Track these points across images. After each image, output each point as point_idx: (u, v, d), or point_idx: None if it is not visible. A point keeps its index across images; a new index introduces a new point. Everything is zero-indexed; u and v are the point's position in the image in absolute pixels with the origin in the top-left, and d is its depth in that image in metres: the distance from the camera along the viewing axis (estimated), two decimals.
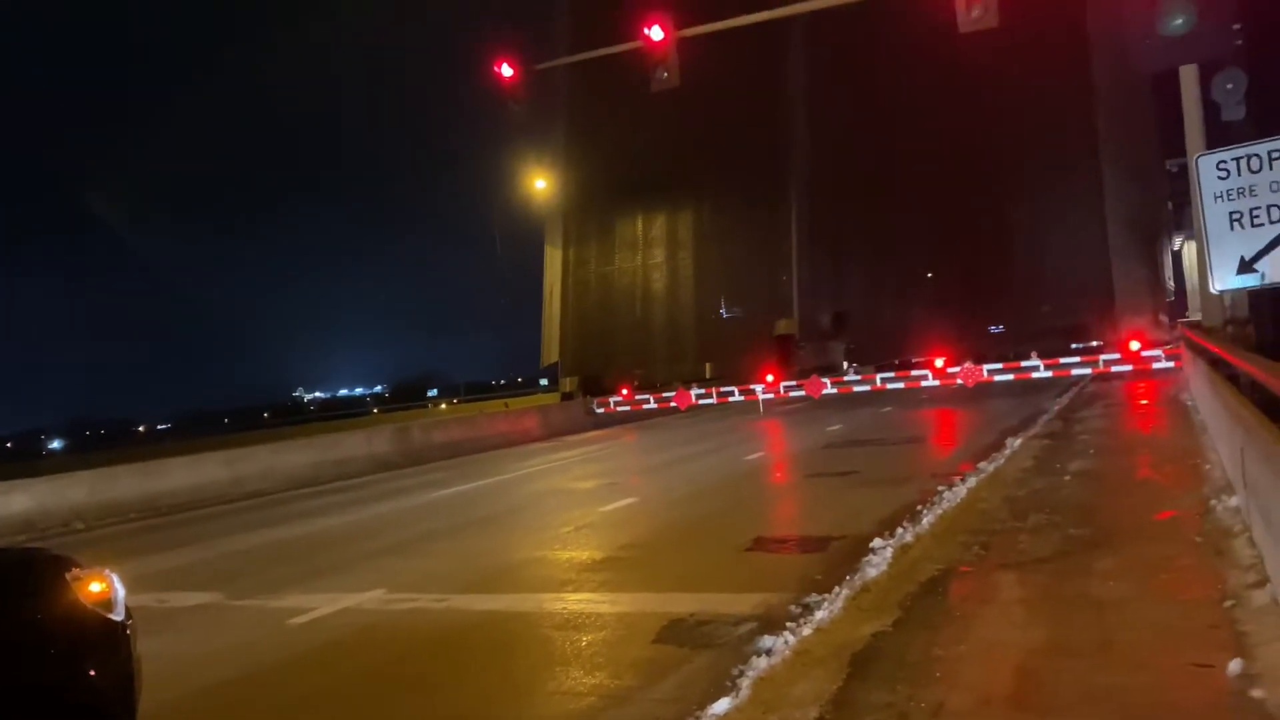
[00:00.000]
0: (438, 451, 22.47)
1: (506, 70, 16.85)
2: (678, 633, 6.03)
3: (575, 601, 7.20)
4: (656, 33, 15.30)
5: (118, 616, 3.86)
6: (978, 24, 12.72)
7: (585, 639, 6.22)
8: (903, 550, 7.29)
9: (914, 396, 26.09)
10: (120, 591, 3.93)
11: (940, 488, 10.01)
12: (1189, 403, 15.57)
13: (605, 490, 13.74)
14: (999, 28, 13.01)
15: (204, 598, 8.69)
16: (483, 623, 6.91)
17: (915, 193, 32.80)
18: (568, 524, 10.91)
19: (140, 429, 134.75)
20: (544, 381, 47.86)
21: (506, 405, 36.55)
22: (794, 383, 27.30)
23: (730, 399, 27.85)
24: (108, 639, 3.78)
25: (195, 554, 11.58)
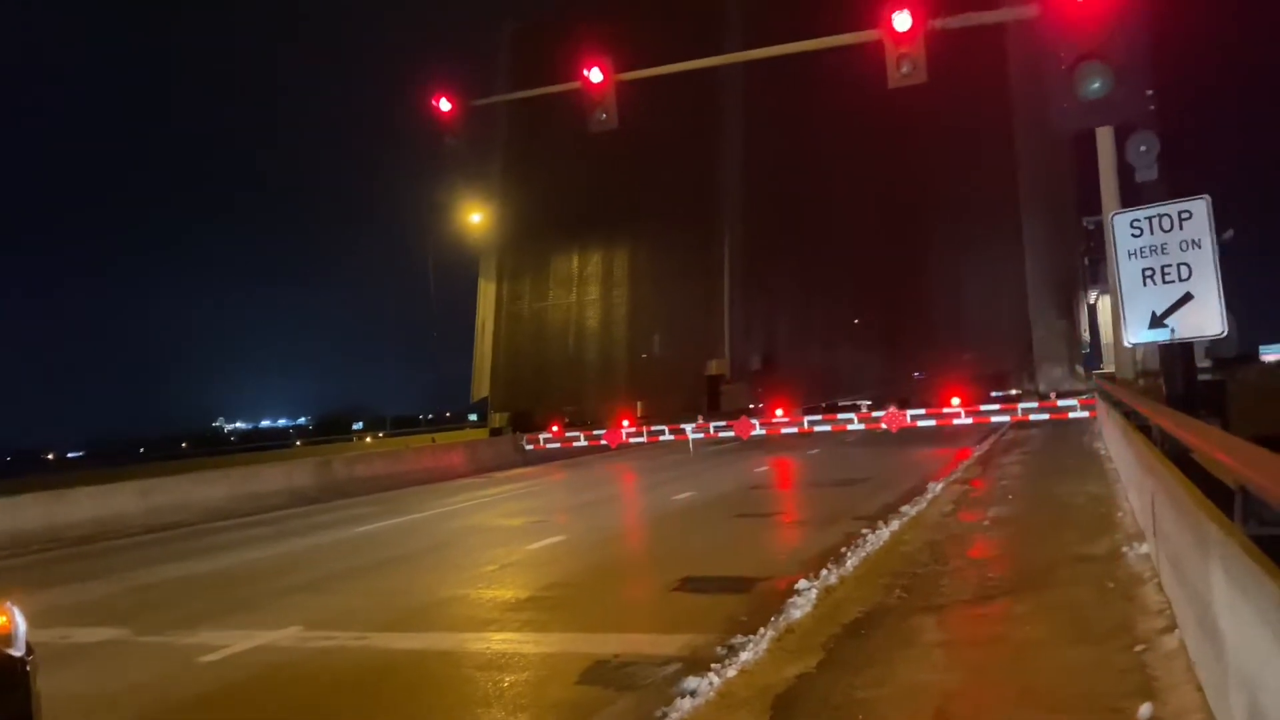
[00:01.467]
0: (361, 486, 22.03)
1: (444, 104, 16.81)
2: (602, 674, 5.97)
3: (498, 641, 7.09)
4: (596, 75, 15.44)
5: (18, 652, 3.69)
6: (906, 80, 13.10)
7: (507, 679, 6.12)
8: (827, 592, 7.35)
9: (840, 439, 26.44)
10: (21, 626, 3.77)
11: (864, 530, 10.14)
12: (1103, 452, 16.06)
13: (532, 528, 13.60)
14: (927, 84, 13.44)
15: (110, 633, 8.35)
16: (402, 662, 6.75)
17: (845, 240, 33.52)
18: (493, 562, 10.77)
19: (50, 457, 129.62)
20: (473, 417, 47.39)
21: (434, 440, 36.08)
22: (724, 423, 27.47)
23: (661, 438, 27.88)
24: (7, 675, 3.62)
25: (103, 587, 11.14)
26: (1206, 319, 8.42)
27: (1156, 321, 8.55)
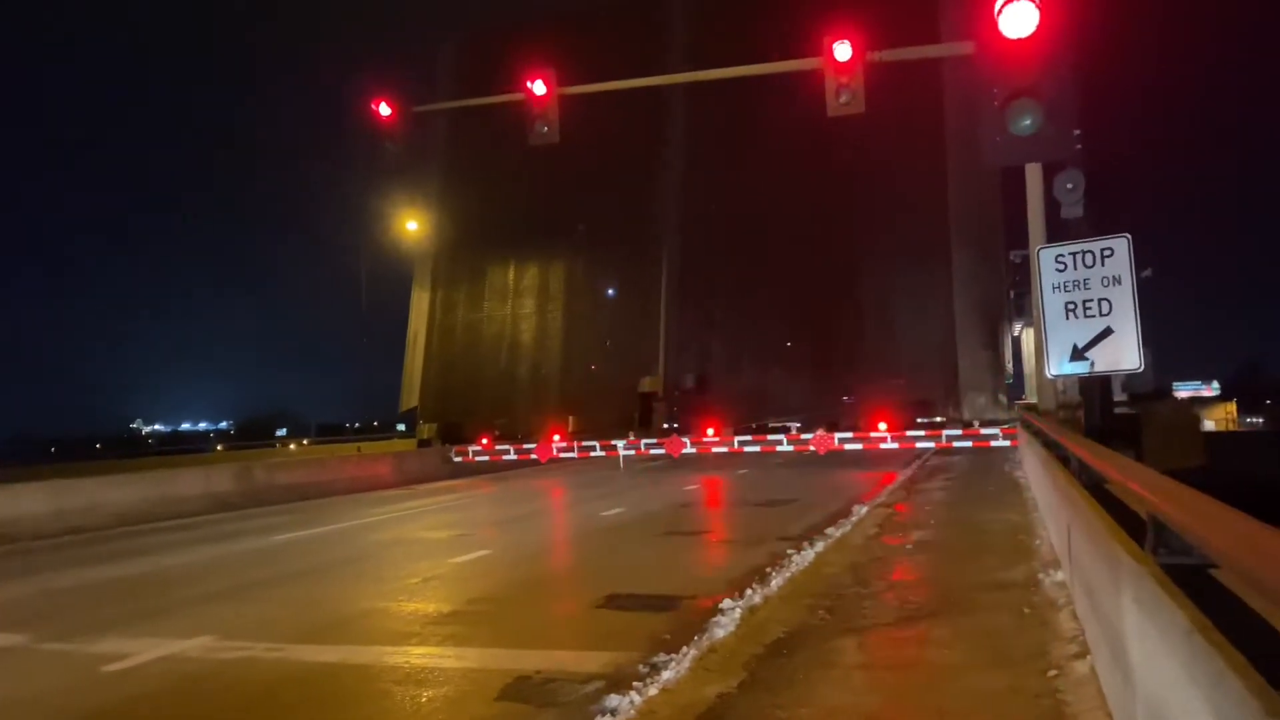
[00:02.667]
0: (282, 493, 21.52)
1: (385, 109, 16.63)
2: (523, 690, 5.90)
3: (418, 655, 6.96)
4: (539, 87, 15.43)
5: None
6: (845, 109, 13.35)
7: (426, 695, 6.01)
8: (751, 612, 7.37)
9: (769, 460, 26.66)
10: None
11: (790, 551, 10.22)
12: (1023, 480, 16.45)
13: (457, 541, 13.43)
14: (865, 115, 13.71)
15: (8, 640, 7.99)
16: (317, 675, 6.59)
17: (780, 264, 34.00)
18: (415, 575, 10.59)
19: None
20: (401, 427, 46.73)
21: (359, 449, 35.47)
22: (654, 441, 27.52)
23: (592, 453, 27.80)
24: None
25: (2, 593, 10.68)
26: (1124, 354, 8.68)
27: (1077, 354, 8.79)
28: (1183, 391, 77.59)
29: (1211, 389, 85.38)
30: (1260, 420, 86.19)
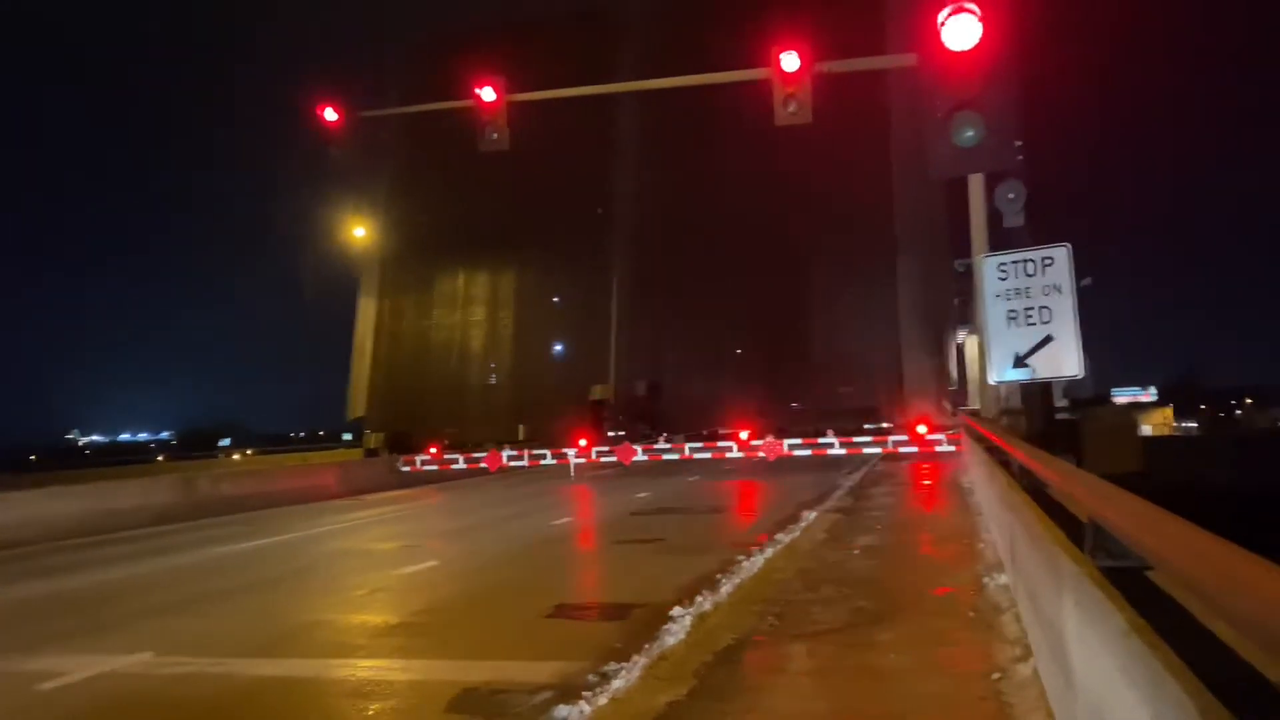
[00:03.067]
0: (226, 505, 21.09)
1: (331, 114, 16.44)
2: (472, 701, 5.84)
3: (365, 668, 6.86)
4: (489, 94, 15.37)
5: None
6: (793, 119, 13.49)
7: (373, 708, 5.93)
8: (701, 619, 7.39)
9: (719, 467, 26.77)
10: None
11: (739, 557, 10.26)
12: (967, 485, 16.71)
13: (404, 552, 13.27)
14: (812, 124, 13.86)
15: None
16: (261, 690, 6.46)
17: (729, 271, 34.20)
18: (362, 586, 10.45)
19: None
20: (348, 436, 46.03)
21: (305, 459, 34.93)
22: (606, 449, 27.48)
23: (542, 462, 27.67)
24: None
25: None
26: (1065, 360, 8.87)
27: (1019, 362, 8.96)
28: (1121, 397, 79.50)
29: (1149, 394, 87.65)
30: (1195, 425, 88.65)
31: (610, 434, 32.43)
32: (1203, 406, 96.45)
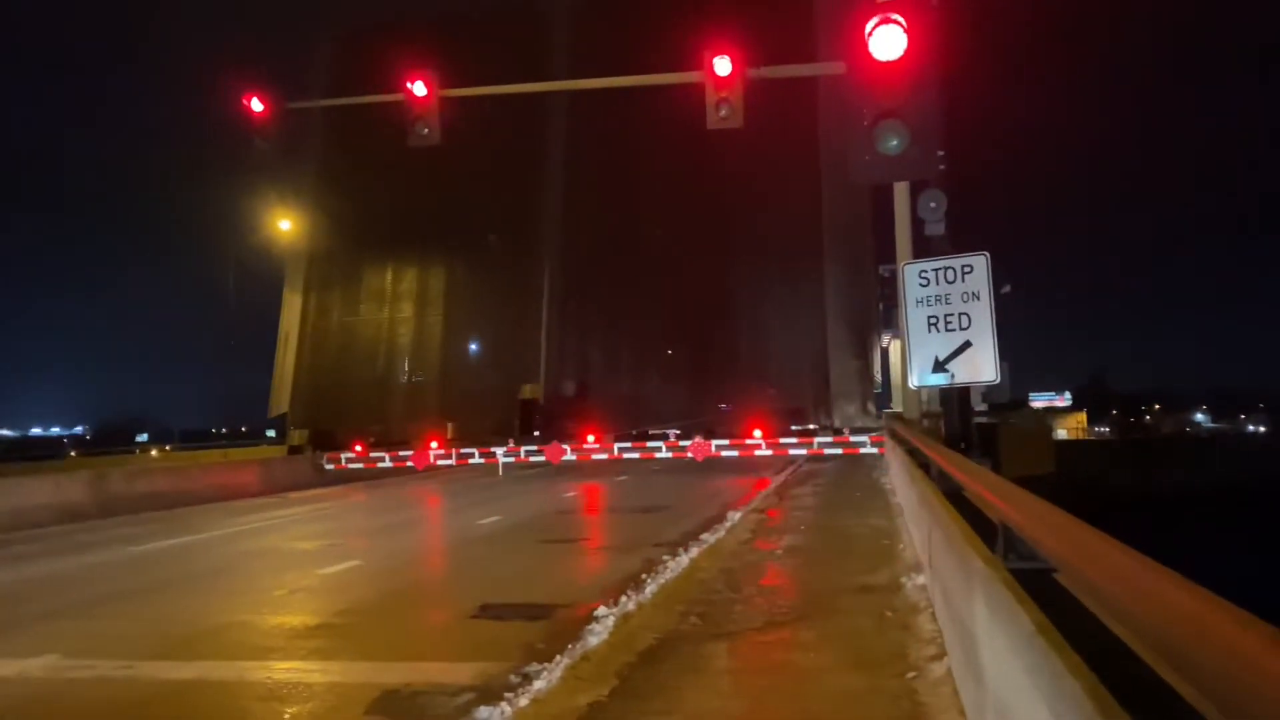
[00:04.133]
0: (141, 502, 20.46)
1: (257, 104, 16.04)
2: (392, 703, 5.77)
3: (282, 670, 6.73)
4: (420, 88, 15.16)
5: None
6: (724, 123, 13.58)
7: (289, 711, 5.82)
8: (624, 619, 7.41)
9: (648, 467, 26.86)
10: None
11: (665, 557, 10.31)
12: (888, 486, 17.04)
13: (326, 551, 13.04)
14: (743, 129, 13.99)
15: None
16: (173, 693, 6.29)
17: (659, 273, 34.37)
18: (281, 586, 10.24)
19: None
20: (271, 433, 45.04)
21: (225, 455, 34.08)
22: (534, 447, 27.37)
23: (470, 461, 27.45)
24: None
25: None
26: (983, 366, 9.10)
27: (939, 366, 9.17)
28: (1038, 402, 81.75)
29: (1064, 399, 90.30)
30: (1107, 429, 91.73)
31: (537, 433, 32.33)
32: (1115, 411, 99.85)
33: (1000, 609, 3.42)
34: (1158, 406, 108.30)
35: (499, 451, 27.06)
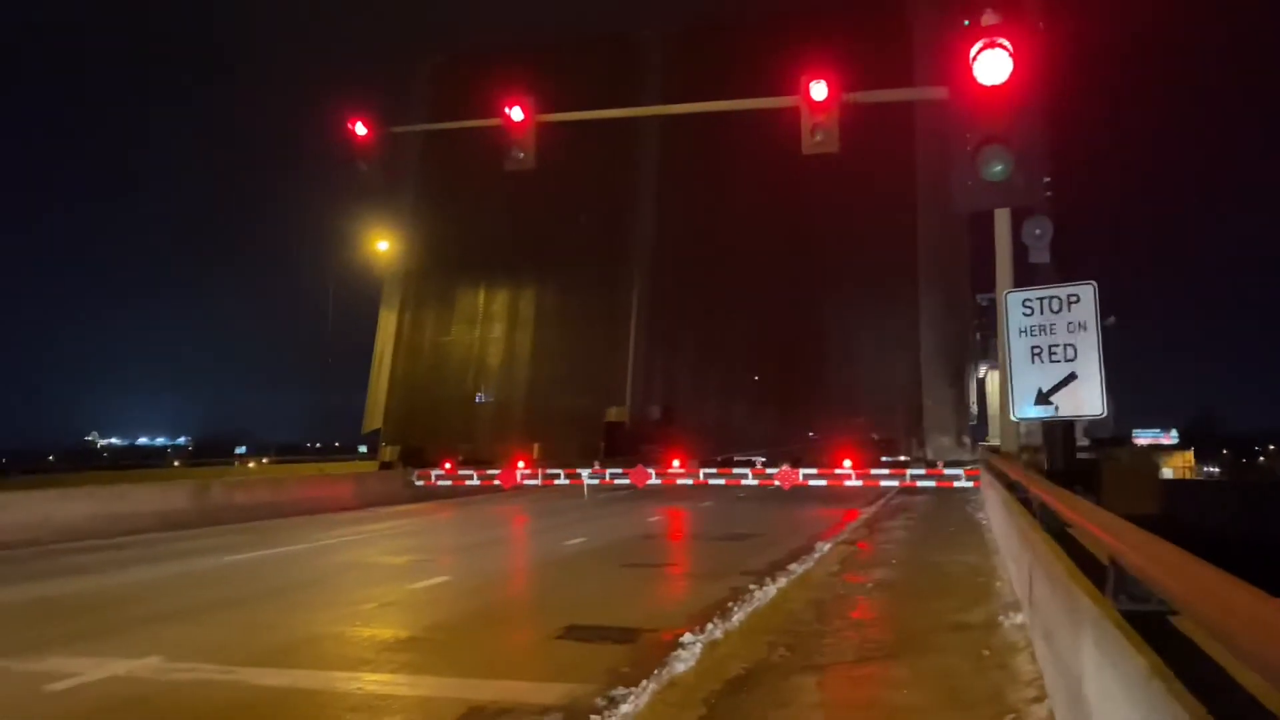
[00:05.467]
0: (240, 513, 21.17)
1: (360, 129, 16.55)
2: None
3: (371, 682, 6.83)
4: (517, 113, 15.42)
5: None
6: (819, 148, 13.47)
7: None
8: (711, 647, 7.32)
9: (733, 493, 26.63)
10: None
11: (751, 586, 10.17)
12: (984, 521, 16.54)
13: (415, 567, 13.25)
14: (838, 154, 13.84)
15: None
16: (268, 699, 6.44)
17: (748, 299, 34.20)
18: (371, 600, 10.43)
19: None
20: (363, 449, 46.14)
21: (321, 469, 35.03)
22: (619, 470, 27.40)
23: (556, 481, 27.63)
24: None
25: None
26: (1088, 399, 8.77)
27: (1042, 398, 8.87)
28: (1143, 438, 78.73)
29: (1170, 437, 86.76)
30: (1217, 470, 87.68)
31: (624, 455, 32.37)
32: (1224, 451, 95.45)
33: (1112, 650, 3.26)
34: (1272, 447, 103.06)
35: (584, 473, 27.16)
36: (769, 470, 25.83)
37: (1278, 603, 2.10)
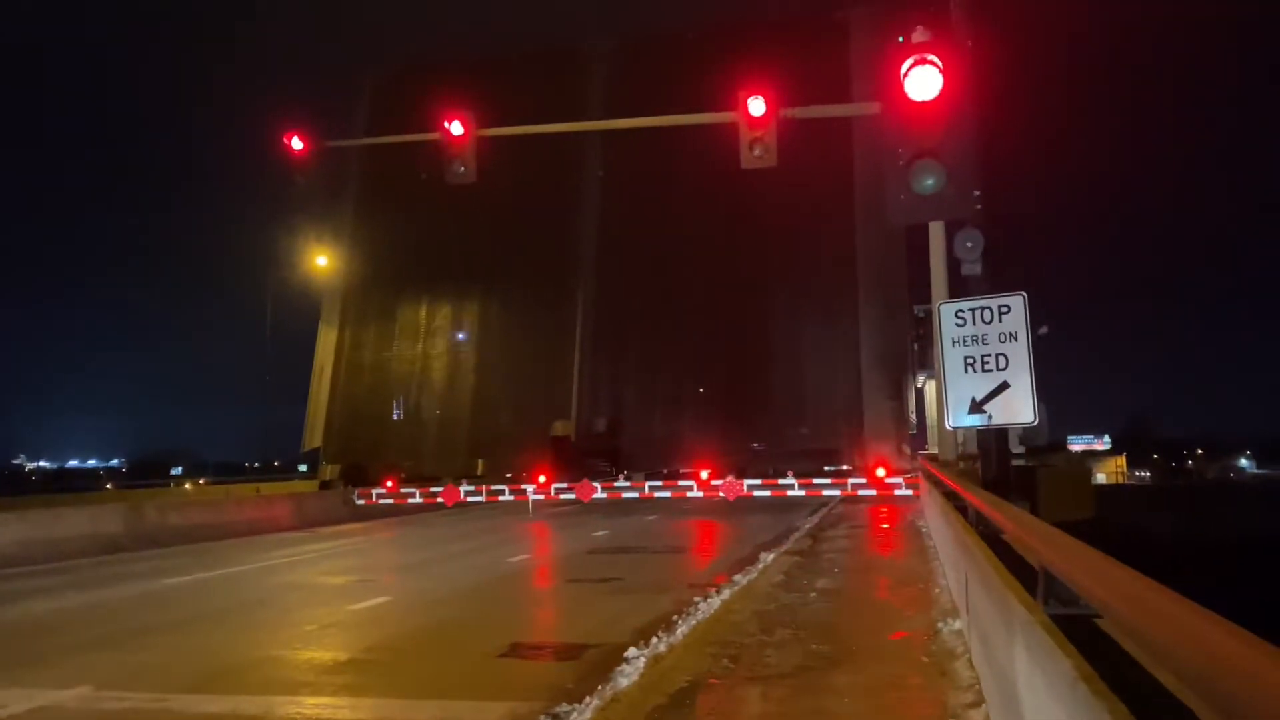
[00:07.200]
0: (175, 535, 20.65)
1: (297, 143, 16.35)
2: None
3: (311, 706, 6.71)
4: (457, 127, 15.37)
5: None
6: (758, 162, 13.63)
7: None
8: (655, 660, 7.32)
9: (679, 506, 26.69)
10: None
11: (696, 598, 10.20)
12: (924, 529, 16.79)
13: (356, 587, 13.05)
14: (777, 168, 14.02)
15: None
16: None
17: (692, 310, 34.36)
18: (312, 622, 10.25)
19: None
20: (303, 467, 45.30)
21: (258, 490, 34.31)
22: (565, 485, 27.30)
23: (500, 498, 27.43)
24: None
25: None
26: (1020, 407, 8.97)
27: (976, 407, 9.05)
28: (1077, 445, 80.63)
29: (1103, 443, 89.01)
30: (1148, 474, 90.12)
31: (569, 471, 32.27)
32: (1155, 456, 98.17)
33: (1041, 654, 3.33)
34: (1200, 451, 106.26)
35: (529, 489, 27.02)
36: (714, 482, 25.93)
37: (1190, 604, 2.17)
